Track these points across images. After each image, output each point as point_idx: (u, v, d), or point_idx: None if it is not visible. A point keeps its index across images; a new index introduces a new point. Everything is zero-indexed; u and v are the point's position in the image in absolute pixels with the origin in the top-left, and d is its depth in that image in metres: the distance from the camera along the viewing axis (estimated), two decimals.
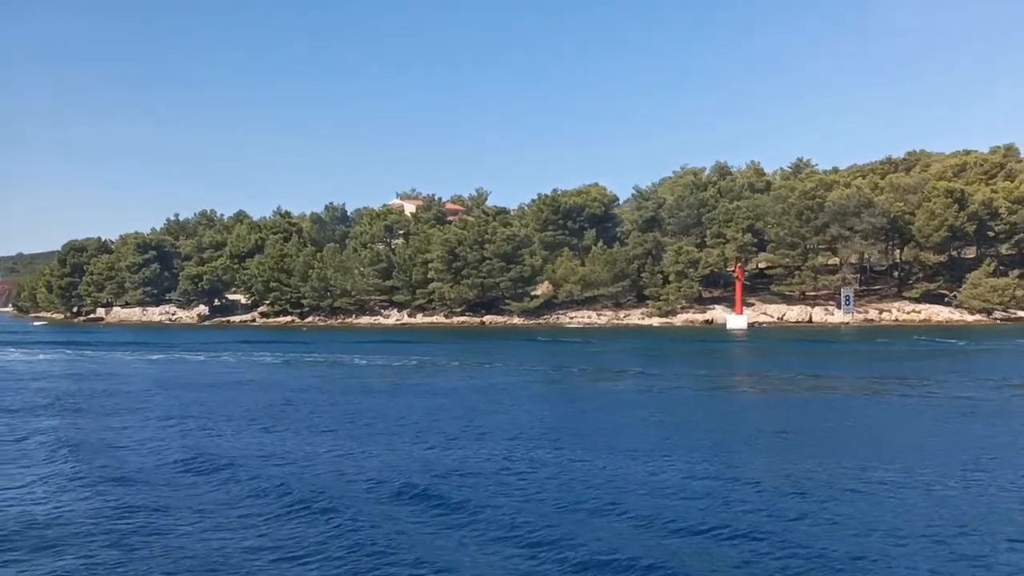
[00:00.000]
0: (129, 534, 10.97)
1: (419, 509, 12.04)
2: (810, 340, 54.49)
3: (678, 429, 18.97)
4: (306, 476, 14.31)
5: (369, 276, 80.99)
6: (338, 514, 11.70)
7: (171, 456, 16.34)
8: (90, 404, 24.82)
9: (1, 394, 27.59)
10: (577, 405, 24.23)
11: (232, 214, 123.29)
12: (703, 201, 75.73)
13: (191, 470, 15.04)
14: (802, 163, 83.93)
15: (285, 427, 19.89)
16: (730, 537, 10.44)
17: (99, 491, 13.37)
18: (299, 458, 16.02)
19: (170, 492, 13.35)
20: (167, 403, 24.75)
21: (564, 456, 15.75)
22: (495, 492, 12.92)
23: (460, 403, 24.10)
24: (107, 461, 15.89)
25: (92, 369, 37.73)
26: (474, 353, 45.35)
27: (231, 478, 14.24)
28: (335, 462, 15.66)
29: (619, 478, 13.77)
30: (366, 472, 14.56)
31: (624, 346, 50.48)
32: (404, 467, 14.86)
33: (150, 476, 14.59)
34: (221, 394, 27.02)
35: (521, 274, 75.74)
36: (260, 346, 51.97)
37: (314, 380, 31.59)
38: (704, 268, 71.95)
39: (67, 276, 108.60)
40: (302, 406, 23.68)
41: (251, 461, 15.63)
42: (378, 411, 22.50)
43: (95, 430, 19.73)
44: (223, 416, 21.95)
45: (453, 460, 15.62)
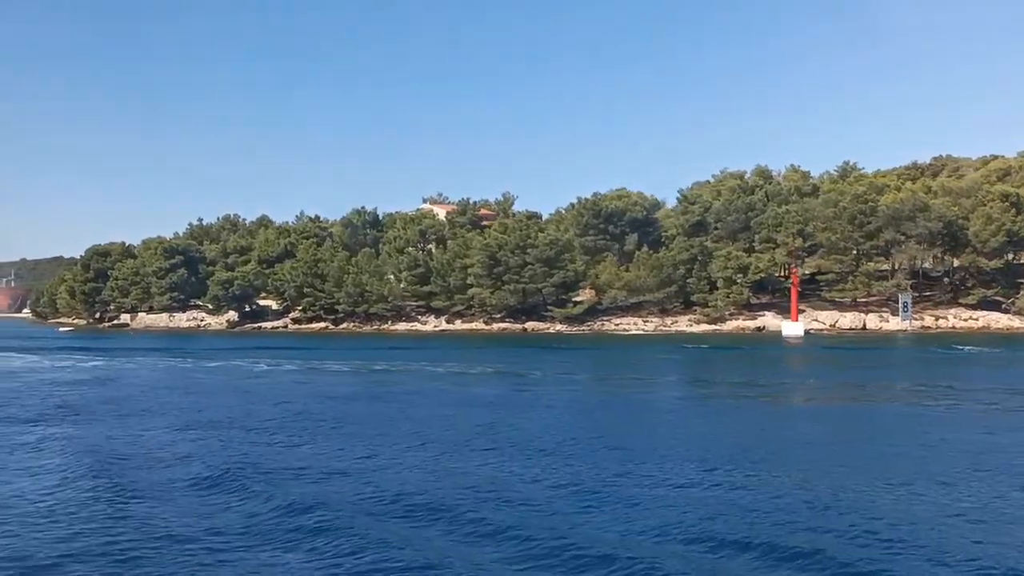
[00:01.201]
0: (135, 547, 10.63)
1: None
2: (874, 347, 52.79)
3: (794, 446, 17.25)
4: (344, 492, 13.46)
5: (406, 281, 79.23)
6: (368, 534, 10.86)
7: (216, 468, 15.55)
8: (164, 412, 23.06)
9: (87, 405, 25.80)
10: (709, 420, 22.47)
11: (255, 218, 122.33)
12: (751, 205, 73.99)
13: (234, 483, 14.21)
14: (849, 166, 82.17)
15: (366, 441, 18.12)
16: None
17: (118, 505, 12.84)
18: (355, 473, 15.02)
19: (197, 507, 12.78)
20: (262, 414, 22.95)
21: (667, 472, 14.68)
22: (543, 509, 12.20)
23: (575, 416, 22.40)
24: (137, 472, 15.37)
25: (155, 378, 35.94)
26: (548, 361, 43.57)
27: (267, 493, 13.35)
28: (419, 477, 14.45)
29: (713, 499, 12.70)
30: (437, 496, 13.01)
31: (689, 354, 48.69)
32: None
33: (175, 490, 13.98)
34: (298, 406, 25.20)
35: (564, 280, 73.97)
36: (316, 353, 50.06)
37: (403, 390, 29.78)
38: (755, 274, 70.12)
39: (91, 281, 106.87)
40: (405, 421, 21.89)
41: (303, 476, 14.81)
42: (510, 430, 20.71)
43: (168, 442, 17.97)
44: (291, 429, 20.40)
45: (492, 475, 14.62)
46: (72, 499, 13.38)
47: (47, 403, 26.84)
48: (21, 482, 14.81)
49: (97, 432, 20.83)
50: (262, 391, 30.25)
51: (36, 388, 32.06)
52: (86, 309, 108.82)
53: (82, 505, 12.94)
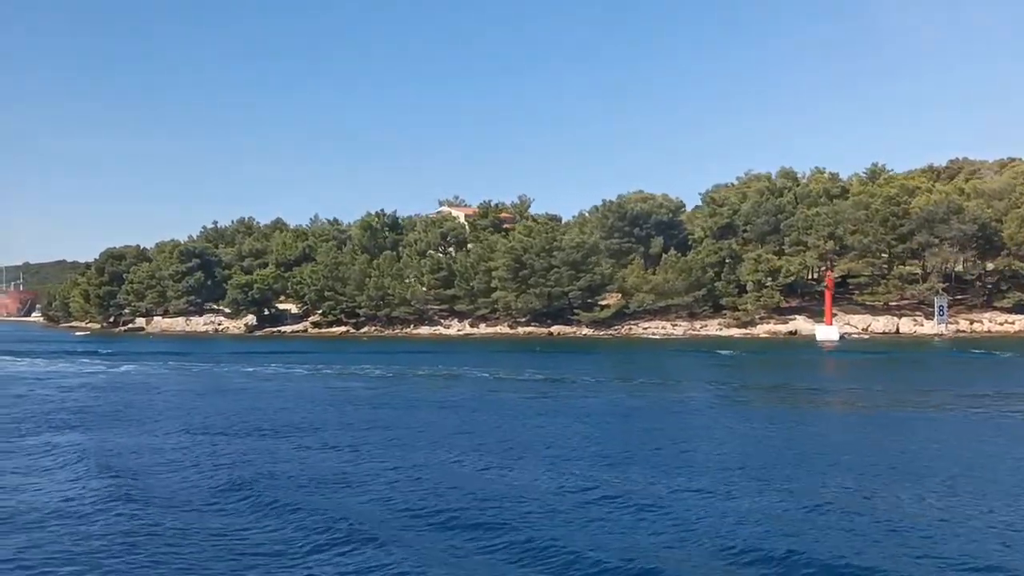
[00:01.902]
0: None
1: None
2: (914, 351, 51.78)
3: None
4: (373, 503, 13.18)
5: (429, 285, 78.19)
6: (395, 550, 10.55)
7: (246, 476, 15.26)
8: (215, 419, 22.01)
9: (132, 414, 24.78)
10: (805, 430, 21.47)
11: (269, 221, 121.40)
12: (780, 207, 72.93)
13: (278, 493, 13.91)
14: (878, 168, 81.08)
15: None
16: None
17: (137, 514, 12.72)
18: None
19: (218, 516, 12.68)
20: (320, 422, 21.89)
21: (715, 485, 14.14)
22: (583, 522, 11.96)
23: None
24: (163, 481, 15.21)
25: (194, 383, 34.92)
26: (592, 366, 42.56)
27: (296, 503, 13.17)
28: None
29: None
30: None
31: (729, 360, 47.68)
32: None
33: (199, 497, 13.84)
34: (366, 414, 24.21)
35: (590, 283, 72.89)
36: (348, 357, 48.95)
37: (459, 397, 28.73)
38: (786, 277, 69.05)
39: (105, 285, 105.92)
40: (488, 432, 20.84)
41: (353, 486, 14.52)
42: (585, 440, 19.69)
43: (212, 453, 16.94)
44: (360, 437, 19.67)
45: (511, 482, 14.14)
46: (104, 505, 13.28)
47: (94, 409, 25.82)
48: (63, 487, 14.74)
49: (145, 439, 19.93)
50: (314, 396, 29.23)
51: (78, 393, 31.07)
52: (100, 313, 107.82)
53: (117, 512, 12.83)
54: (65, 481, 15.39)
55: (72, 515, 12.76)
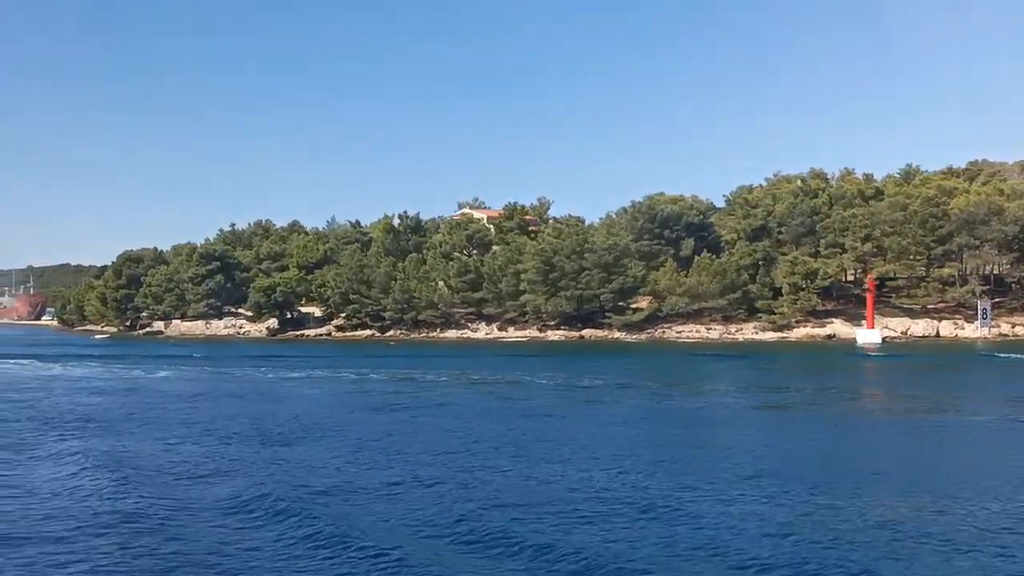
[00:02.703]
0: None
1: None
2: (962, 355, 50.64)
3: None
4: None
5: (457, 288, 77.05)
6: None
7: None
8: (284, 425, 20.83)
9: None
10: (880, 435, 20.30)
11: (286, 224, 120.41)
12: (815, 209, 71.76)
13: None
14: (912, 169, 79.88)
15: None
16: None
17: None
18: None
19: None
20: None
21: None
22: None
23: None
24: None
25: (243, 388, 33.71)
26: (644, 371, 41.43)
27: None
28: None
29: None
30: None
31: (774, 364, 46.60)
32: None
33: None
34: (444, 423, 23.00)
35: (622, 286, 71.73)
36: (391, 362, 47.69)
37: (534, 405, 27.52)
38: (823, 280, 67.85)
39: (122, 288, 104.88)
40: (574, 443, 19.67)
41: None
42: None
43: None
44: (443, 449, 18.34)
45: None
46: (140, 512, 12.97)
47: (159, 417, 24.63)
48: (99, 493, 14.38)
49: (209, 447, 18.73)
50: (379, 403, 28.02)
51: (122, 398, 29.93)
52: (117, 316, 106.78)
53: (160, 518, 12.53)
54: (108, 486, 14.84)
55: (96, 525, 12.35)
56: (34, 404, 28.68)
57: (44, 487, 15.10)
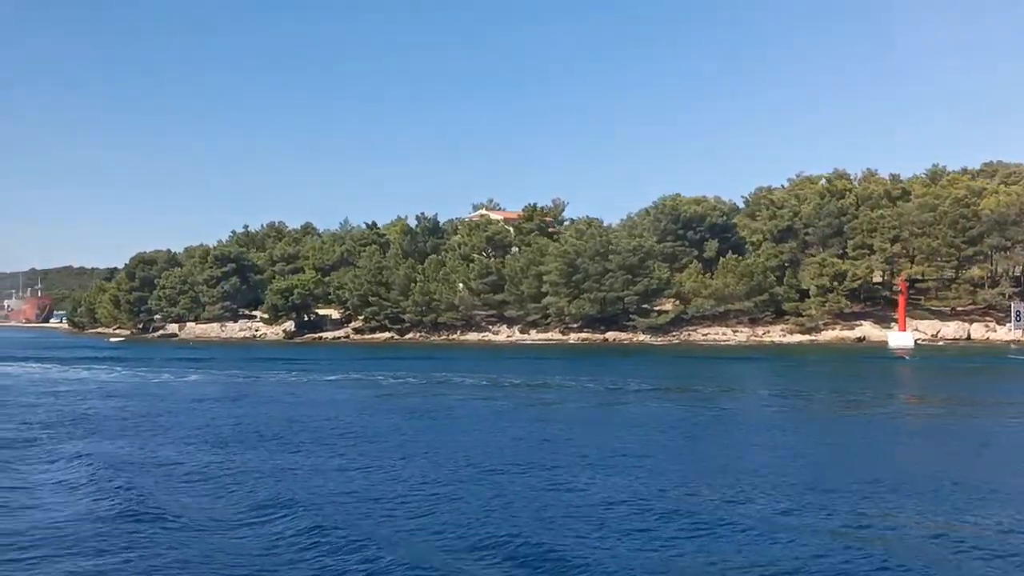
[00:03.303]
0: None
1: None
2: (997, 357, 49.73)
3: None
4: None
5: (477, 290, 76.13)
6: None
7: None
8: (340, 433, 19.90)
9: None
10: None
11: (299, 226, 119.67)
12: (842, 210, 70.80)
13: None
14: (938, 170, 78.89)
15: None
16: None
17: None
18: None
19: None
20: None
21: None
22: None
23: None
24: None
25: (282, 394, 32.77)
26: (693, 374, 40.50)
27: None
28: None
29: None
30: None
31: (810, 367, 45.70)
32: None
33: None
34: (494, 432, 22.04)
35: (647, 288, 70.76)
36: (422, 365, 46.66)
37: (588, 410, 26.57)
38: (852, 281, 66.87)
39: (136, 290, 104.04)
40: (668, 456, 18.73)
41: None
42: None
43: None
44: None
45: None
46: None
47: (209, 426, 23.65)
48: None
49: (262, 455, 17.73)
50: (422, 408, 27.06)
51: (160, 403, 28.99)
52: (130, 319, 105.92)
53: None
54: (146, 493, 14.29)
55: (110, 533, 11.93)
56: (79, 409, 27.83)
57: (105, 495, 14.35)
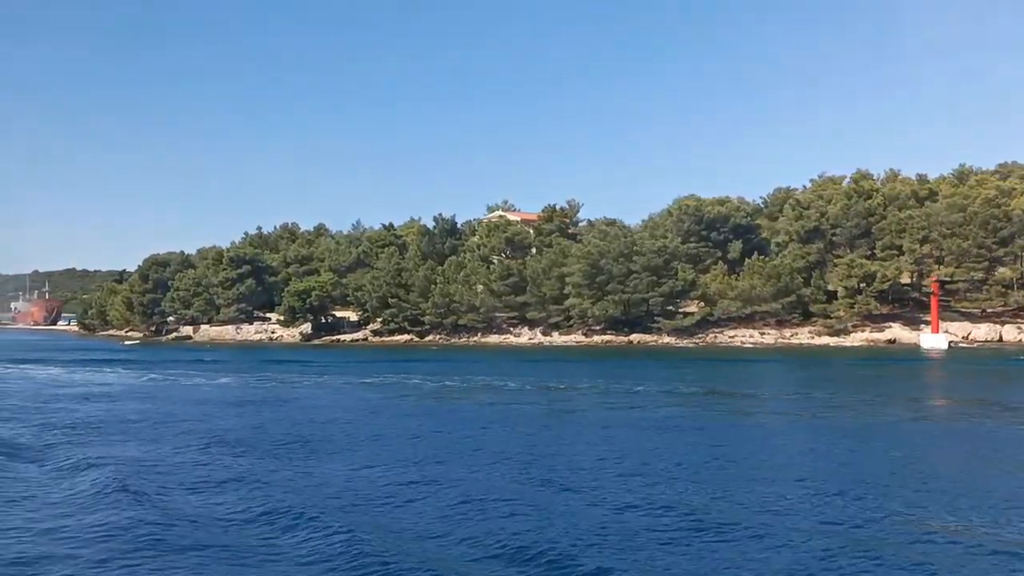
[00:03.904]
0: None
1: None
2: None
3: None
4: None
5: (499, 292, 75.22)
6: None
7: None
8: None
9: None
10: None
11: (312, 227, 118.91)
12: (870, 210, 69.88)
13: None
14: (966, 170, 77.93)
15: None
16: None
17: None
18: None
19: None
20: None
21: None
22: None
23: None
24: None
25: (332, 397, 31.91)
26: (741, 378, 39.62)
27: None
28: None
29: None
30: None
31: (853, 369, 44.72)
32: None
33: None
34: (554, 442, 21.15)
35: (671, 289, 69.87)
36: (454, 367, 45.73)
37: (653, 416, 25.67)
38: (882, 283, 65.94)
39: (149, 292, 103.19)
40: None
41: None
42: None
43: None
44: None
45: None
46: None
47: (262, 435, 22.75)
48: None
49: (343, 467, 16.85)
50: (477, 415, 26.16)
51: (204, 408, 28.12)
52: (143, 321, 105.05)
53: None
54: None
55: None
56: (121, 414, 26.98)
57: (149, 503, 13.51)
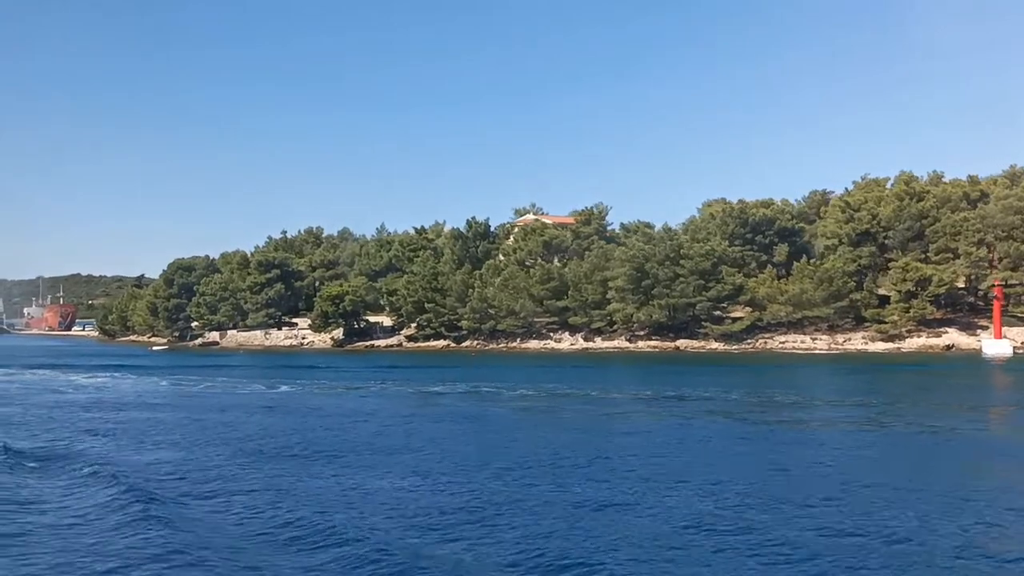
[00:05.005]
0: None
1: None
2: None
3: None
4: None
5: (539, 296, 73.54)
6: None
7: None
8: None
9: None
10: None
11: (337, 231, 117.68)
12: (923, 212, 68.11)
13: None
14: (1017, 171, 76.08)
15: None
16: None
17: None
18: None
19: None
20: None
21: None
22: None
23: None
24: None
25: (410, 405, 30.25)
26: (833, 388, 37.93)
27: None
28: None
29: None
30: None
31: (925, 377, 42.93)
32: None
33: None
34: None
35: (719, 294, 68.16)
36: (516, 375, 44.02)
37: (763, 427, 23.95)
38: (939, 287, 64.14)
39: (174, 297, 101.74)
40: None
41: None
42: None
43: None
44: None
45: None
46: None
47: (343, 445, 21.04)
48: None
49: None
50: (575, 424, 24.46)
51: (286, 417, 26.45)
52: (167, 327, 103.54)
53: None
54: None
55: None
56: (210, 425, 25.35)
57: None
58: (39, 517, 13.34)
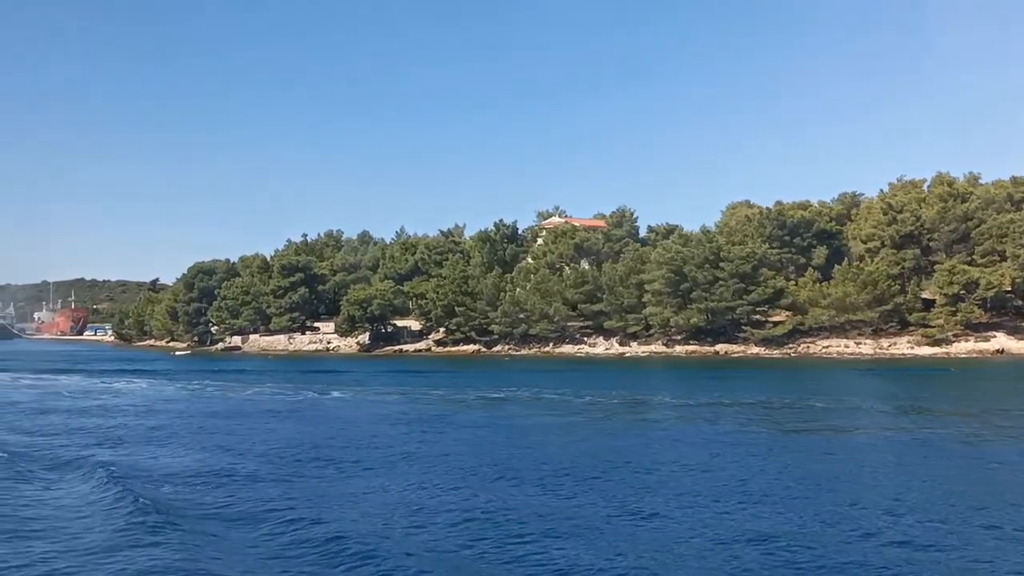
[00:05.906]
0: None
1: None
2: None
3: None
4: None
5: (573, 300, 72.19)
6: None
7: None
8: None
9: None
10: None
11: (356, 235, 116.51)
12: (968, 214, 66.71)
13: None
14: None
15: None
16: None
17: None
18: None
19: None
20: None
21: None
22: None
23: None
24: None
25: (478, 415, 28.83)
26: (911, 395, 36.46)
27: None
28: None
29: None
30: None
31: (988, 383, 41.43)
32: None
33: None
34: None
35: (759, 297, 66.75)
36: (585, 380, 42.62)
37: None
38: (987, 289, 62.67)
39: (194, 301, 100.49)
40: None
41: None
42: None
43: None
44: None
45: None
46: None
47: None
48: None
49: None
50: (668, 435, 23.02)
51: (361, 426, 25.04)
52: (188, 331, 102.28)
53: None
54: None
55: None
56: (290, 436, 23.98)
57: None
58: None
